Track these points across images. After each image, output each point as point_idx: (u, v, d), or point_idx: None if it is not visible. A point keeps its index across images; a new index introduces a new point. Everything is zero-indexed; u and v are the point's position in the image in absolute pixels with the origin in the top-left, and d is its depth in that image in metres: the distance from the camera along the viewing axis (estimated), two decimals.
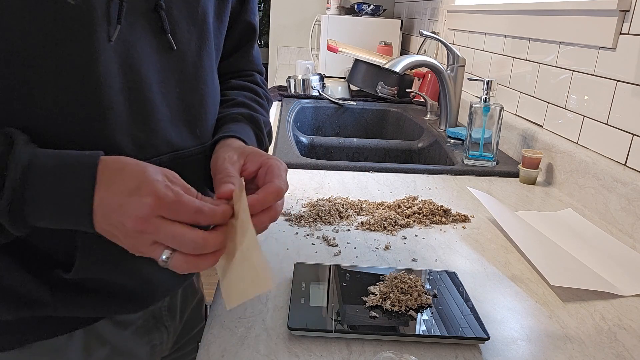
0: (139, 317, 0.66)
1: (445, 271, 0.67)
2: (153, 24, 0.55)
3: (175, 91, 0.59)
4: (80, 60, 0.49)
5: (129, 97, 0.53)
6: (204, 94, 0.63)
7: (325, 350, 0.51)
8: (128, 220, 0.43)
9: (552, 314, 0.61)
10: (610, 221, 0.89)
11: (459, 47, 1.76)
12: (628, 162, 0.90)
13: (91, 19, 0.48)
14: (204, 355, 0.50)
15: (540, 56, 1.22)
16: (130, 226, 0.43)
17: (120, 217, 0.44)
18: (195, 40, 0.61)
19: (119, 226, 0.44)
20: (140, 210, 0.43)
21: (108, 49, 0.50)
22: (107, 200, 0.44)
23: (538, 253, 0.73)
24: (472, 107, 1.15)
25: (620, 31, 0.93)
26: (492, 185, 1.06)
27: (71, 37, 0.48)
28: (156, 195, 0.43)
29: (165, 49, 0.57)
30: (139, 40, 0.54)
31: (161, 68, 0.57)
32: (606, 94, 0.96)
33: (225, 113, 0.69)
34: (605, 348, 0.55)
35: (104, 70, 0.50)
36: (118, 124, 0.52)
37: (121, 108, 0.53)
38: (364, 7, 2.55)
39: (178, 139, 0.60)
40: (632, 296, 0.66)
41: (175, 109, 0.59)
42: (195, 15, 0.60)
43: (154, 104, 0.56)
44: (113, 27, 0.51)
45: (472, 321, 0.55)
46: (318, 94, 1.90)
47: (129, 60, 0.53)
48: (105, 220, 0.44)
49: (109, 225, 0.45)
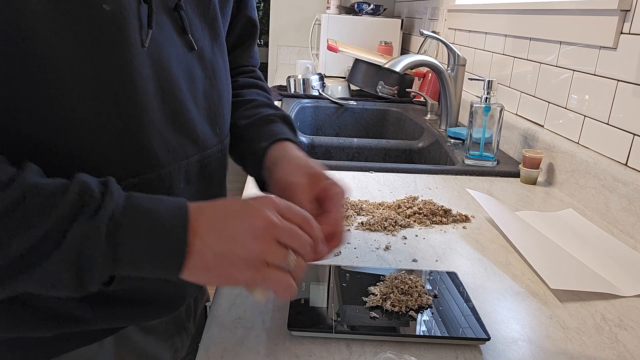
0: (162, 322, 0.66)
1: (445, 271, 0.67)
2: (174, 25, 0.55)
3: (201, 91, 0.59)
4: (116, 66, 0.48)
5: (163, 100, 0.53)
6: (221, 91, 0.63)
7: (325, 350, 0.51)
8: (255, 220, 0.45)
9: (553, 314, 0.61)
10: (611, 221, 0.89)
11: (460, 47, 1.76)
12: (629, 162, 0.90)
13: (125, 24, 0.47)
14: (204, 355, 0.50)
15: (541, 56, 1.21)
16: (259, 224, 0.45)
17: (243, 222, 0.45)
18: (208, 38, 0.61)
19: (239, 235, 0.45)
20: (263, 207, 0.46)
21: (142, 53, 0.50)
22: (213, 218, 0.46)
23: (538, 256, 0.73)
24: (472, 106, 1.14)
25: (621, 31, 0.93)
26: (492, 185, 1.05)
27: (106, 44, 0.47)
28: (271, 201, 0.48)
29: (187, 49, 0.57)
30: (166, 42, 0.53)
31: (187, 68, 0.57)
32: (607, 93, 0.96)
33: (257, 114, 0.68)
34: (606, 349, 0.55)
35: (138, 75, 0.49)
36: (152, 129, 0.52)
37: (156, 112, 0.52)
38: (364, 6, 2.55)
39: (203, 139, 0.60)
40: (633, 296, 0.66)
41: (201, 108, 0.59)
42: (207, 13, 0.60)
43: (184, 106, 0.56)
44: (144, 32, 0.50)
45: (472, 322, 0.55)
46: (318, 93, 1.90)
47: (160, 63, 0.52)
48: (214, 241, 0.45)
49: (220, 244, 0.45)
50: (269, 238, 0.45)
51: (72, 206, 0.42)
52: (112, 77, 0.48)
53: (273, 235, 0.46)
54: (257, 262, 0.45)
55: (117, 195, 0.44)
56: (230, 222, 0.46)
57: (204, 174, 0.61)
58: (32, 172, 0.43)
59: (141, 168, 0.52)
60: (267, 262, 0.45)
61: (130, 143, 0.50)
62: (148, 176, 0.52)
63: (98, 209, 0.42)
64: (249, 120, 0.69)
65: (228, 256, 0.45)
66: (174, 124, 0.55)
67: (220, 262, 0.45)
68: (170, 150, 0.55)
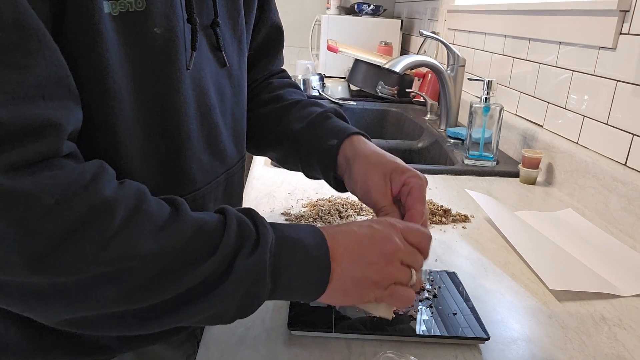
0: None
1: (445, 271, 0.67)
2: (210, 42, 0.54)
3: (229, 109, 0.59)
4: (165, 90, 0.48)
5: (201, 122, 0.53)
6: (244, 107, 0.63)
7: (325, 350, 0.51)
8: (386, 245, 0.48)
9: (552, 314, 0.61)
10: (610, 221, 0.89)
11: (459, 47, 1.76)
12: (628, 162, 0.90)
13: (174, 47, 0.47)
14: (204, 355, 0.50)
15: (541, 56, 1.22)
16: (389, 250, 0.48)
17: (374, 247, 0.48)
18: (237, 53, 0.60)
19: (373, 260, 0.47)
20: (390, 231, 0.49)
21: (187, 77, 0.49)
22: (347, 245, 0.48)
23: (537, 256, 0.73)
24: (472, 107, 1.15)
25: (620, 31, 0.93)
26: (492, 185, 1.05)
27: (157, 68, 0.46)
28: (393, 225, 0.50)
29: (219, 66, 0.56)
30: (204, 61, 0.53)
31: (219, 87, 0.56)
32: (606, 94, 0.96)
33: (311, 114, 0.67)
34: (606, 348, 0.55)
35: (182, 98, 0.49)
36: (191, 152, 0.52)
37: (194, 135, 0.52)
38: (364, 7, 2.55)
39: (230, 157, 0.60)
40: (633, 296, 0.66)
41: (228, 127, 0.59)
42: (236, 28, 0.60)
43: (218, 126, 0.56)
44: (188, 54, 0.49)
45: (472, 321, 0.55)
46: (318, 93, 1.90)
47: (200, 84, 0.52)
48: (352, 267, 0.47)
49: (357, 269, 0.47)
50: (397, 261, 0.49)
51: (236, 239, 0.42)
52: (161, 101, 0.48)
53: (399, 258, 0.49)
54: (387, 282, 0.48)
55: (268, 226, 0.45)
56: (364, 248, 0.48)
57: (229, 190, 0.62)
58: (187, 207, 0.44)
59: (179, 190, 0.53)
60: (395, 282, 0.48)
61: (171, 166, 0.51)
62: (185, 198, 0.52)
63: (257, 243, 0.43)
64: (305, 122, 0.66)
65: (364, 280, 0.47)
66: (208, 146, 0.55)
67: (356, 286, 0.47)
68: (204, 172, 0.55)
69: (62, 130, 0.38)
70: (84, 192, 0.37)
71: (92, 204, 0.37)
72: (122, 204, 0.38)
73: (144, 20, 0.44)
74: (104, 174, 0.40)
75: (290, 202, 0.89)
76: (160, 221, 0.40)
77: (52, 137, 0.37)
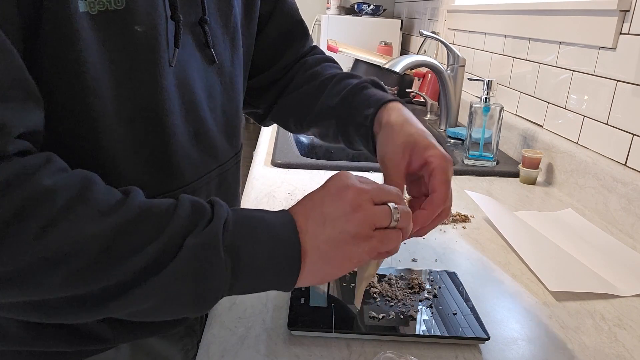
0: None
1: (445, 271, 0.67)
2: (197, 39, 0.54)
3: (219, 106, 0.59)
4: (148, 87, 0.48)
5: (187, 119, 0.53)
6: (238, 103, 0.63)
7: (325, 350, 0.51)
8: (344, 193, 0.45)
9: (552, 314, 0.61)
10: (610, 221, 0.89)
11: (459, 47, 1.76)
12: (628, 162, 0.90)
13: (156, 45, 0.47)
14: (204, 355, 0.50)
15: (541, 56, 1.22)
16: (351, 195, 0.45)
17: (334, 200, 0.45)
18: (229, 50, 0.60)
19: (338, 213, 0.45)
20: (343, 180, 0.46)
21: (169, 74, 0.49)
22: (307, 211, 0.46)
23: (536, 257, 0.73)
24: (472, 107, 1.15)
25: (620, 31, 0.93)
26: (492, 185, 1.05)
27: (139, 65, 0.46)
28: (343, 173, 0.48)
29: (208, 63, 0.56)
30: (190, 58, 0.53)
31: (207, 83, 0.56)
32: (606, 94, 0.96)
33: (347, 86, 0.65)
34: (606, 348, 0.55)
35: (166, 96, 0.49)
36: (179, 148, 0.52)
37: (180, 131, 0.52)
38: (364, 7, 2.55)
39: (222, 152, 0.60)
40: (632, 296, 0.66)
41: (219, 123, 0.59)
42: (228, 24, 0.59)
43: (205, 122, 0.56)
44: (171, 51, 0.49)
45: (472, 321, 0.55)
46: None
47: (184, 81, 0.52)
48: (320, 230, 0.45)
49: (327, 229, 0.45)
50: (365, 203, 0.45)
51: (188, 220, 0.42)
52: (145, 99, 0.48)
53: (367, 199, 0.45)
54: (367, 230, 0.45)
55: (225, 206, 0.44)
56: (324, 206, 0.45)
57: (222, 186, 0.62)
58: (140, 194, 0.43)
59: (168, 185, 0.53)
60: (376, 226, 0.45)
61: (159, 162, 0.51)
62: (174, 193, 0.52)
63: (211, 220, 0.42)
64: (340, 96, 0.65)
65: (340, 237, 0.44)
66: (197, 141, 0.55)
67: (335, 246, 0.44)
68: (194, 167, 0.55)
69: (6, 131, 0.38)
70: (21, 184, 0.37)
71: (28, 195, 0.37)
72: (62, 193, 0.39)
73: (124, 19, 0.45)
74: (48, 165, 0.40)
75: (290, 202, 0.89)
76: (105, 206, 0.40)
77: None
